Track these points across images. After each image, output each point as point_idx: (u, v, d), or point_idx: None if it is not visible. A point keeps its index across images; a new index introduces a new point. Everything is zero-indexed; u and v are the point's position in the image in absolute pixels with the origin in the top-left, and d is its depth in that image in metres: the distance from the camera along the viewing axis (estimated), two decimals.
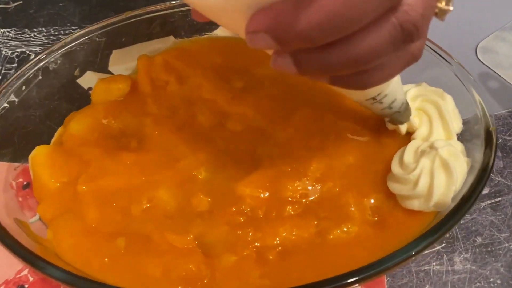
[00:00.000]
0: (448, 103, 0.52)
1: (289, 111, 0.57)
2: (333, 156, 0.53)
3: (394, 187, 0.49)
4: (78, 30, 0.68)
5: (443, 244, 0.53)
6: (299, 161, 0.53)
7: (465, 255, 0.52)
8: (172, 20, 0.74)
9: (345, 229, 0.47)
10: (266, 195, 0.50)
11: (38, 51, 0.79)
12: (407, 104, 0.49)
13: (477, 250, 0.53)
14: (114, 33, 0.71)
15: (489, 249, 0.53)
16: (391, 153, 0.53)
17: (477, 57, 0.72)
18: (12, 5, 0.86)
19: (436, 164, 0.48)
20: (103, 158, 0.54)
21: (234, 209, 0.49)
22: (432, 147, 0.50)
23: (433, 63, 0.57)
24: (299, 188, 0.51)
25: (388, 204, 0.49)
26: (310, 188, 0.51)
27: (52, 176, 0.52)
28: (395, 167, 0.51)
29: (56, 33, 0.82)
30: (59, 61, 0.68)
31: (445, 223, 0.43)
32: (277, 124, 0.56)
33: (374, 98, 0.44)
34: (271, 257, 0.45)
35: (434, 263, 0.52)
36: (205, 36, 0.68)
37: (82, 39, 0.66)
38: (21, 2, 0.86)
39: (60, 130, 0.61)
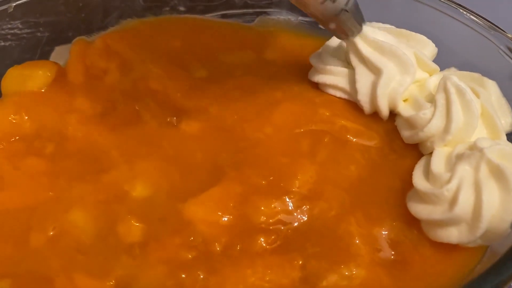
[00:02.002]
0: (491, 91, 0.39)
1: (267, 106, 0.42)
2: (328, 165, 0.39)
3: (418, 209, 0.37)
4: None
5: None
6: (278, 171, 0.39)
7: None
8: (132, 13, 0.61)
9: (346, 273, 0.35)
10: (227, 220, 0.37)
11: None
12: (356, 4, 0.42)
13: None
14: (60, 27, 0.57)
15: None
16: (410, 163, 0.40)
17: None
18: None
19: (482, 172, 0.33)
20: (1, 166, 0.42)
21: (178, 241, 0.36)
22: (474, 148, 0.34)
23: (470, 40, 0.43)
24: (277, 209, 0.37)
25: (409, 235, 0.37)
26: (293, 210, 0.37)
27: None
28: (419, 180, 0.36)
29: None
30: None
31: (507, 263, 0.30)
32: (250, 122, 0.42)
33: None
34: None
35: None
36: (162, 16, 0.54)
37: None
38: None
39: None
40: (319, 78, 0.44)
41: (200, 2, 0.60)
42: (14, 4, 0.51)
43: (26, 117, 0.45)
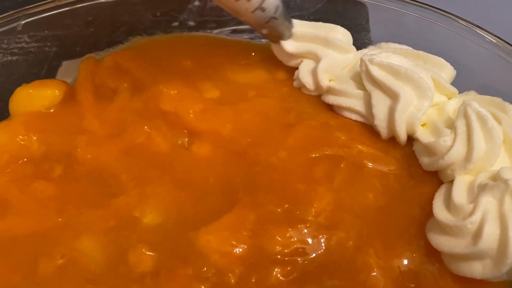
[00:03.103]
0: None
1: (282, 129, 0.41)
2: (345, 192, 0.38)
3: (439, 241, 0.35)
4: None
5: None
6: (294, 198, 0.37)
7: None
8: (141, 28, 0.60)
9: None
10: (242, 250, 0.35)
11: None
12: (285, 11, 0.45)
13: None
14: (68, 41, 0.57)
15: None
16: (429, 191, 0.38)
17: None
18: None
19: (508, 205, 0.32)
20: (8, 189, 0.40)
21: (191, 271, 0.35)
22: (498, 178, 0.33)
23: (490, 63, 0.41)
24: (293, 239, 0.36)
25: (430, 267, 0.35)
26: (310, 240, 0.36)
27: None
28: (440, 211, 0.35)
29: None
30: None
31: None
32: (264, 145, 0.40)
33: None
34: None
35: None
36: (172, 34, 0.53)
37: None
38: None
39: None
40: (334, 100, 0.43)
41: (210, 17, 0.59)
42: (23, 22, 0.50)
43: (35, 138, 0.43)
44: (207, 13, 0.62)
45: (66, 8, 0.51)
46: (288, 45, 0.46)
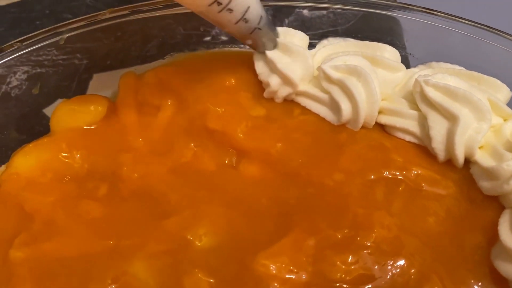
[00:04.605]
0: None
1: (334, 149, 0.40)
2: (405, 216, 0.37)
3: (509, 269, 0.34)
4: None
5: None
6: (353, 223, 0.36)
7: None
8: (173, 42, 0.59)
9: None
10: (302, 277, 0.34)
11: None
12: (269, 21, 0.44)
13: None
14: (98, 54, 0.56)
15: None
16: (491, 215, 0.37)
17: None
18: None
19: None
20: (55, 209, 0.39)
21: None
22: None
23: None
24: (355, 266, 0.34)
25: None
26: (372, 266, 0.35)
27: None
28: (508, 238, 0.33)
29: None
30: (24, 86, 0.52)
31: None
32: (317, 167, 0.39)
33: (218, 2, 0.39)
34: None
35: None
36: (215, 50, 0.52)
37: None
38: None
39: (2, 168, 0.44)
40: (387, 120, 0.42)
41: None
42: (67, 36, 0.49)
43: (78, 156, 0.42)
44: None
45: (103, 24, 0.51)
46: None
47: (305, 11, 0.61)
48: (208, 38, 0.61)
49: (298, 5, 0.59)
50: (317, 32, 0.58)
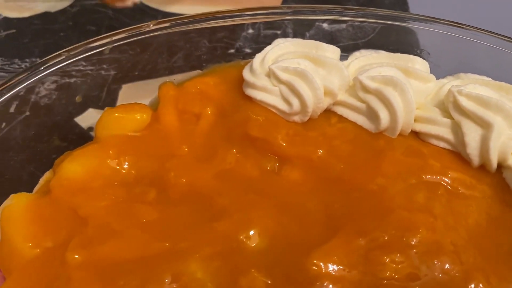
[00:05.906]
0: None
1: (374, 155, 0.42)
2: (446, 218, 0.38)
3: None
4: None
5: None
6: (399, 225, 0.37)
7: None
8: (199, 54, 0.61)
9: None
10: (354, 275, 0.36)
11: None
12: None
13: None
14: (124, 64, 0.58)
15: None
16: None
17: None
18: (3, 33, 0.73)
19: None
20: (108, 213, 0.40)
21: None
22: None
23: None
24: (403, 264, 0.36)
25: None
26: (419, 265, 0.36)
27: (30, 238, 0.39)
28: None
29: None
30: (53, 96, 0.54)
31: None
32: (359, 172, 0.41)
33: None
34: None
35: None
36: (248, 60, 0.54)
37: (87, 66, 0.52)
38: (14, 30, 0.74)
39: (47, 174, 0.46)
40: (422, 128, 0.44)
41: (265, 44, 0.61)
42: (111, 46, 0.51)
43: (125, 162, 0.44)
44: (262, 40, 0.64)
45: (147, 35, 0.53)
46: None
47: (325, 25, 0.64)
48: (232, 51, 0.64)
49: (318, 19, 0.62)
50: (338, 45, 0.60)
